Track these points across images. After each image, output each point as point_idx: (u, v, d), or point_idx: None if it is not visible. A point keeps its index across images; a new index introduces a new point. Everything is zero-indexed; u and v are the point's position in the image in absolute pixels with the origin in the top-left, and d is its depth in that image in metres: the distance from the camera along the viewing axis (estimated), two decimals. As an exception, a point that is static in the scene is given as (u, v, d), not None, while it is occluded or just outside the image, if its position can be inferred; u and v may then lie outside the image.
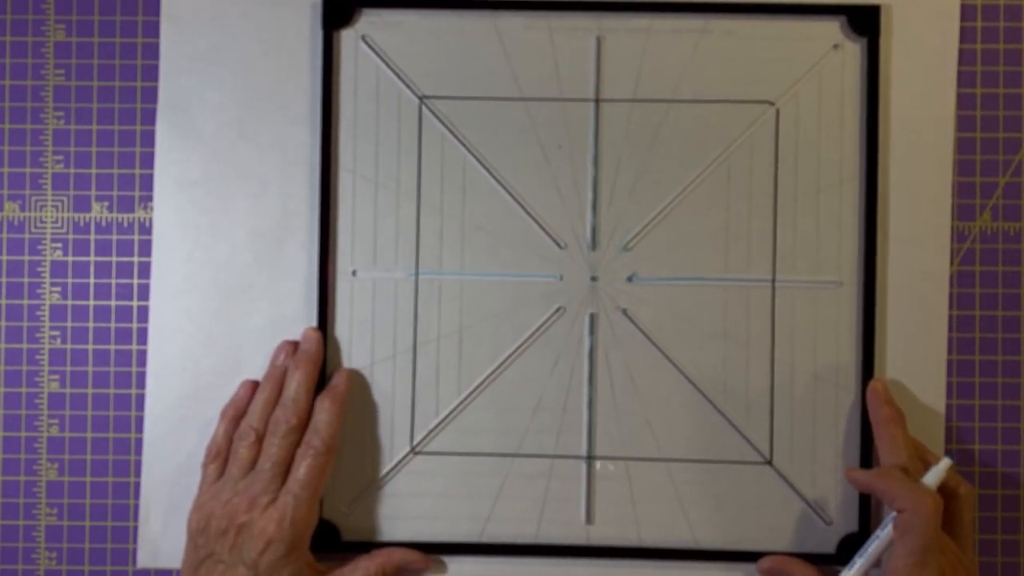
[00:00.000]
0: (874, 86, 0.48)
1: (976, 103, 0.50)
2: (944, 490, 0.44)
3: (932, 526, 0.42)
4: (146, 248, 0.50)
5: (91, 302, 0.50)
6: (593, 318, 0.49)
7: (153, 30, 0.50)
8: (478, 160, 0.49)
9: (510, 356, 0.49)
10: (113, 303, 0.50)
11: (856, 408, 0.49)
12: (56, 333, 0.50)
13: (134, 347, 0.50)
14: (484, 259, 0.49)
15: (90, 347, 0.50)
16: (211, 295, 0.49)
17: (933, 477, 0.44)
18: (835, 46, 0.49)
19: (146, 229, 0.50)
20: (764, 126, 0.49)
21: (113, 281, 0.50)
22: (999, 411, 0.49)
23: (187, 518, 0.46)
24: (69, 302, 0.50)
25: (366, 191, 0.49)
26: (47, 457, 0.50)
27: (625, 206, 0.49)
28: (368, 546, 0.49)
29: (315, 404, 0.47)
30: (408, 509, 0.49)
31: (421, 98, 0.49)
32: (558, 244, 0.49)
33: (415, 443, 0.49)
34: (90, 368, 0.50)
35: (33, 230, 0.50)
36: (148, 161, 0.50)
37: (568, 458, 0.49)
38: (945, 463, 0.44)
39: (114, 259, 0.50)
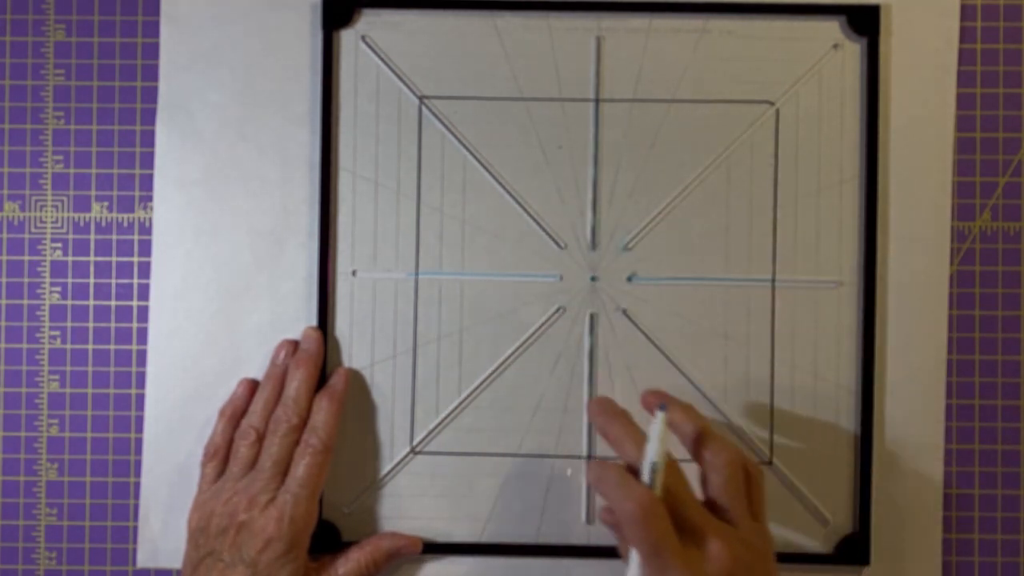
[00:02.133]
0: (874, 86, 0.48)
1: (976, 103, 0.50)
2: (700, 457, 0.41)
3: (648, 528, 0.37)
4: (146, 248, 0.50)
5: (91, 302, 0.50)
6: (593, 318, 0.49)
7: (153, 30, 0.50)
8: (478, 160, 0.49)
9: (510, 356, 0.49)
10: (113, 303, 0.50)
11: (856, 408, 0.49)
12: (56, 333, 0.50)
13: (134, 347, 0.50)
14: (484, 259, 0.49)
15: (90, 347, 0.50)
16: (211, 295, 0.49)
17: (645, 472, 0.39)
18: (835, 46, 0.49)
19: (146, 229, 0.50)
20: (764, 126, 0.49)
21: (113, 281, 0.50)
22: (999, 411, 0.49)
23: (187, 517, 0.46)
24: (69, 302, 0.50)
25: (366, 191, 0.49)
26: (47, 457, 0.50)
27: (625, 206, 0.49)
28: (368, 546, 0.49)
29: (313, 403, 0.47)
30: (408, 509, 0.49)
31: (421, 98, 0.49)
32: (558, 244, 0.49)
33: (415, 443, 0.49)
34: (90, 368, 0.50)
35: (33, 230, 0.50)
36: (148, 161, 0.50)
37: (568, 458, 0.49)
38: (650, 455, 0.39)
39: (114, 259, 0.50)
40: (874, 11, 0.49)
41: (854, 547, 0.48)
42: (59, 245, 0.50)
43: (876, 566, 0.48)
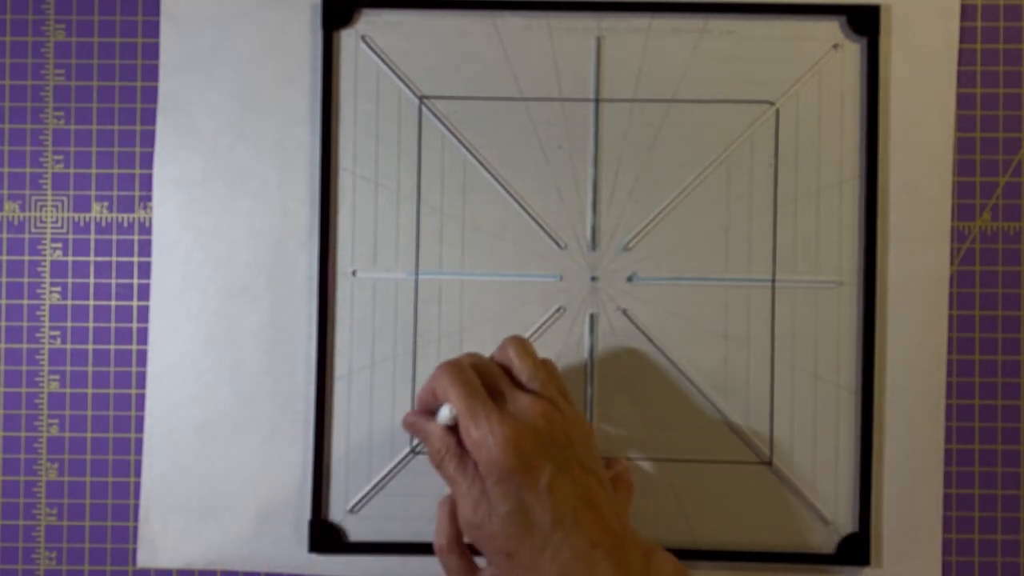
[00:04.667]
0: (874, 86, 0.48)
1: (976, 103, 0.50)
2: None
3: (457, 376, 0.39)
4: (146, 248, 0.50)
5: (91, 302, 0.50)
6: (593, 318, 0.49)
7: (153, 30, 0.50)
8: (478, 160, 0.49)
9: (510, 356, 0.49)
10: (113, 303, 0.50)
11: (856, 408, 0.49)
12: (56, 333, 0.50)
13: (134, 347, 0.50)
14: (484, 259, 0.49)
15: (90, 347, 0.50)
16: (211, 295, 0.49)
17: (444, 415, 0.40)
18: (835, 46, 0.49)
19: (146, 229, 0.50)
20: (764, 126, 0.49)
21: (113, 281, 0.50)
22: (999, 411, 0.49)
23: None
24: (69, 302, 0.50)
25: (366, 191, 0.49)
26: (47, 457, 0.50)
27: (625, 206, 0.49)
28: (369, 546, 0.49)
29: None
30: (408, 509, 0.49)
31: (421, 98, 0.49)
32: (558, 244, 0.49)
33: (415, 443, 0.49)
34: (90, 368, 0.50)
35: (33, 230, 0.50)
36: (148, 161, 0.50)
37: (568, 458, 0.49)
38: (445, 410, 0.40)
39: (114, 259, 0.50)
40: (874, 11, 0.49)
41: (854, 547, 0.48)
42: (59, 245, 0.50)
43: (876, 566, 0.48)
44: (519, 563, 0.38)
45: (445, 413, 0.40)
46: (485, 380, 0.41)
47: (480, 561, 0.46)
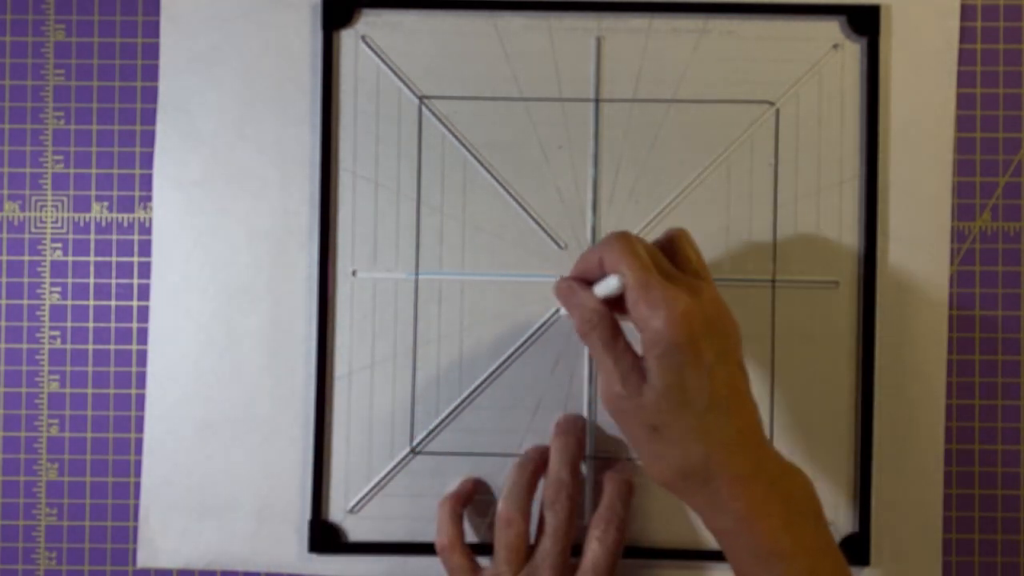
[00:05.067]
0: (874, 86, 0.48)
1: (976, 103, 0.50)
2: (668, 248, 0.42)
3: (630, 251, 0.39)
4: (146, 248, 0.50)
5: (91, 302, 0.50)
6: (593, 318, 0.49)
7: (153, 30, 0.50)
8: (478, 160, 0.49)
9: (510, 356, 0.49)
10: (113, 303, 0.50)
11: (856, 408, 0.49)
12: (56, 333, 0.50)
13: (134, 347, 0.50)
14: (484, 259, 0.49)
15: (90, 347, 0.50)
16: (211, 295, 0.49)
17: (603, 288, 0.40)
18: (835, 46, 0.49)
19: (146, 229, 0.50)
20: (764, 126, 0.49)
21: (113, 281, 0.50)
22: (999, 411, 0.49)
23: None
24: (69, 302, 0.50)
25: (366, 191, 0.49)
26: (47, 457, 0.50)
27: (625, 206, 0.49)
28: (369, 546, 0.49)
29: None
30: (408, 509, 0.49)
31: (421, 98, 0.49)
32: (558, 244, 0.49)
33: (415, 443, 0.49)
34: (90, 368, 0.50)
35: (33, 230, 0.50)
36: (148, 161, 0.50)
37: (568, 458, 0.49)
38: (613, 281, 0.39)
39: (114, 259, 0.50)
40: (874, 11, 0.49)
41: (854, 547, 0.48)
42: (59, 245, 0.50)
43: (876, 566, 0.48)
44: (665, 436, 0.38)
45: (613, 283, 0.39)
46: (652, 259, 0.40)
47: (482, 560, 0.46)
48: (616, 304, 0.40)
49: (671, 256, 0.41)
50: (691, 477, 0.39)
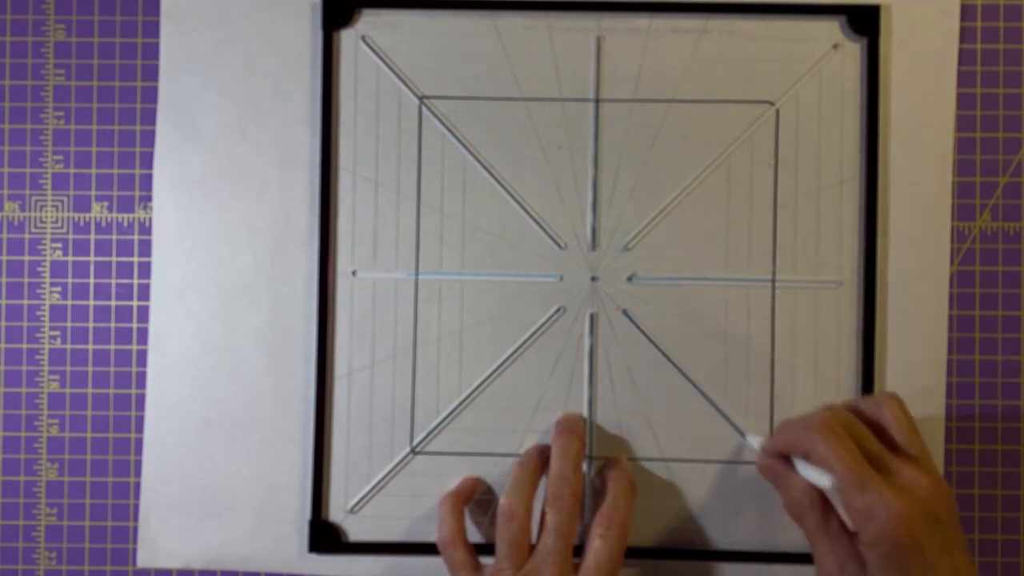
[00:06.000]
0: (874, 86, 0.48)
1: (976, 103, 0.50)
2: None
3: (837, 444, 0.38)
4: (146, 248, 0.50)
5: (91, 302, 0.50)
6: (593, 318, 0.49)
7: (153, 30, 0.50)
8: (478, 160, 0.49)
9: (510, 356, 0.49)
10: (113, 303, 0.50)
11: (856, 408, 0.49)
12: (56, 333, 0.50)
13: (134, 347, 0.50)
14: (484, 259, 0.49)
15: (90, 347, 0.50)
16: (211, 295, 0.49)
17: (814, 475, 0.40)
18: (835, 46, 0.49)
19: (146, 229, 0.50)
20: (764, 126, 0.49)
21: (113, 281, 0.50)
22: (999, 411, 0.49)
23: None
24: (69, 302, 0.50)
25: (366, 191, 0.49)
26: (47, 457, 0.50)
27: (625, 206, 0.49)
28: (369, 546, 0.49)
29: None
30: (408, 509, 0.49)
31: (421, 98, 0.49)
32: (558, 244, 0.49)
33: (415, 443, 0.49)
34: (90, 368, 0.50)
35: (33, 230, 0.50)
36: (148, 161, 0.50)
37: (568, 458, 0.49)
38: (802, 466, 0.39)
39: (114, 259, 0.50)
40: (874, 11, 0.49)
41: (854, 547, 0.48)
42: (59, 245, 0.50)
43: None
44: None
45: (824, 482, 0.38)
46: (858, 442, 0.40)
47: (485, 561, 0.46)
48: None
49: (878, 428, 0.41)
50: None
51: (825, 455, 0.39)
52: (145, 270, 0.50)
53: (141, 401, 0.50)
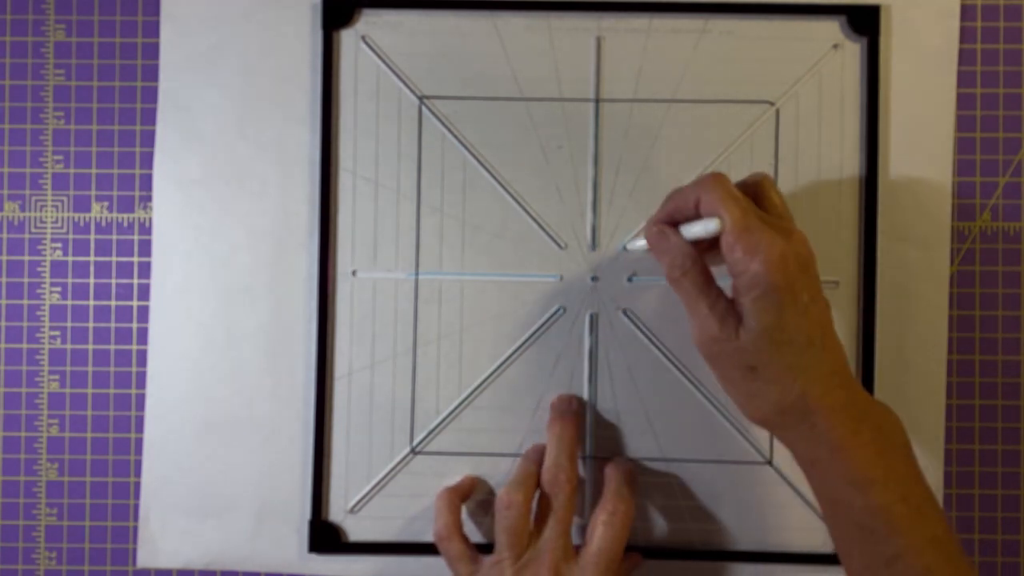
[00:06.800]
0: (874, 86, 0.48)
1: (976, 103, 0.50)
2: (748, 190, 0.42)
3: (725, 192, 0.39)
4: (146, 248, 0.50)
5: (91, 302, 0.50)
6: (593, 318, 0.49)
7: (153, 30, 0.50)
8: (478, 160, 0.49)
9: (510, 356, 0.49)
10: (113, 303, 0.50)
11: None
12: (56, 333, 0.50)
13: (134, 347, 0.50)
14: (484, 259, 0.49)
15: (90, 347, 0.50)
16: (211, 295, 0.49)
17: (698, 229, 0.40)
18: (835, 46, 0.49)
19: (146, 229, 0.50)
20: (764, 126, 0.49)
21: (113, 281, 0.50)
22: (999, 411, 0.49)
23: None
24: (69, 302, 0.50)
25: (366, 191, 0.49)
26: (47, 457, 0.50)
27: (625, 206, 0.49)
28: (369, 546, 0.49)
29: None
30: (408, 509, 0.49)
31: (421, 98, 0.49)
32: (558, 244, 0.49)
33: (415, 443, 0.49)
34: (90, 368, 0.50)
35: (33, 230, 0.50)
36: (148, 161, 0.50)
37: (568, 458, 0.49)
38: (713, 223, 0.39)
39: (114, 259, 0.50)
40: (874, 11, 0.49)
41: (854, 547, 0.48)
42: (59, 245, 0.50)
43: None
44: (762, 376, 0.39)
45: (710, 226, 0.39)
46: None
47: (486, 558, 0.46)
48: (703, 250, 0.41)
49: (756, 201, 0.42)
50: (788, 412, 0.39)
51: (715, 202, 0.39)
52: (145, 270, 0.50)
53: (141, 401, 0.50)
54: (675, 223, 0.42)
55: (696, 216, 0.40)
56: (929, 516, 0.39)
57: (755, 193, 0.42)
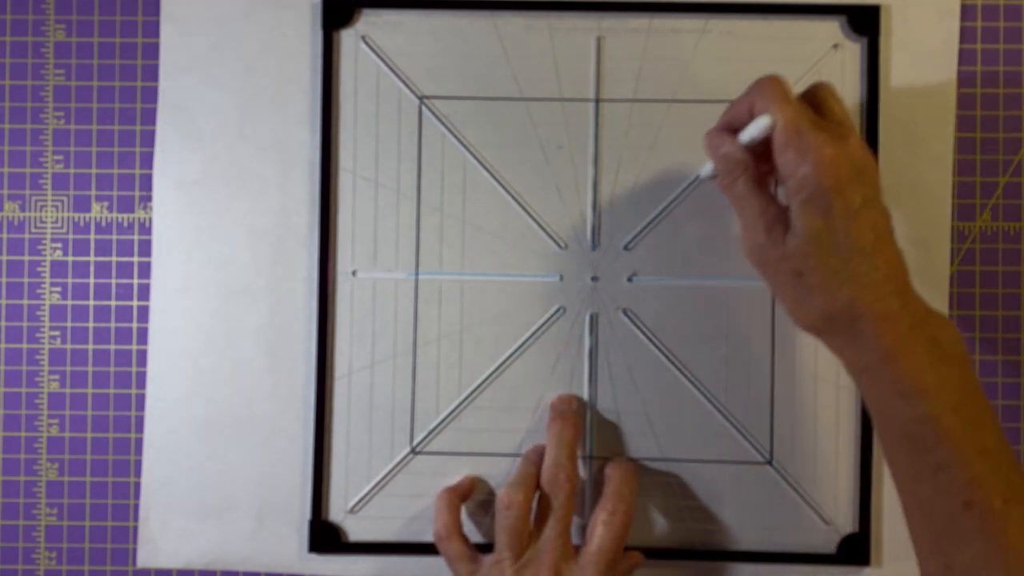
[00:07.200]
0: (874, 86, 0.48)
1: (976, 103, 0.50)
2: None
3: (782, 93, 0.39)
4: (146, 248, 0.50)
5: (91, 302, 0.50)
6: (593, 318, 0.49)
7: (153, 30, 0.50)
8: (478, 160, 0.49)
9: (510, 356, 0.49)
10: (113, 303, 0.50)
11: (856, 408, 0.49)
12: (56, 333, 0.50)
13: (134, 347, 0.50)
14: (484, 259, 0.49)
15: (90, 347, 0.50)
16: (211, 295, 0.49)
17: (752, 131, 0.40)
18: (835, 46, 0.49)
19: (146, 229, 0.50)
20: (764, 126, 0.49)
21: (113, 281, 0.50)
22: (999, 411, 0.49)
23: None
24: (69, 302, 0.50)
25: (366, 191, 0.49)
26: (47, 457, 0.50)
27: (625, 206, 0.49)
28: (369, 546, 0.49)
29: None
30: (408, 509, 0.49)
31: (421, 98, 0.49)
32: (558, 244, 0.49)
33: (415, 443, 0.49)
34: (90, 368, 0.50)
35: (33, 230, 0.50)
36: (148, 161, 0.50)
37: (568, 458, 0.49)
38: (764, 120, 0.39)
39: (114, 259, 0.50)
40: (874, 11, 0.49)
41: (855, 547, 0.48)
42: (59, 245, 0.50)
43: (876, 566, 0.48)
44: (809, 281, 0.39)
45: (763, 123, 0.39)
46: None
47: (487, 557, 0.46)
48: (759, 159, 0.41)
49: (816, 108, 0.41)
50: (836, 319, 0.39)
51: (768, 102, 0.39)
52: (145, 270, 0.50)
53: (141, 401, 0.50)
54: (734, 131, 0.41)
55: (751, 121, 0.40)
56: (983, 427, 0.38)
57: (814, 101, 0.41)
